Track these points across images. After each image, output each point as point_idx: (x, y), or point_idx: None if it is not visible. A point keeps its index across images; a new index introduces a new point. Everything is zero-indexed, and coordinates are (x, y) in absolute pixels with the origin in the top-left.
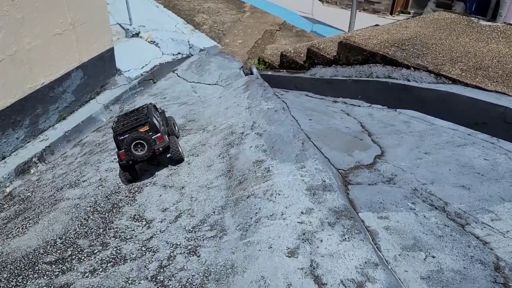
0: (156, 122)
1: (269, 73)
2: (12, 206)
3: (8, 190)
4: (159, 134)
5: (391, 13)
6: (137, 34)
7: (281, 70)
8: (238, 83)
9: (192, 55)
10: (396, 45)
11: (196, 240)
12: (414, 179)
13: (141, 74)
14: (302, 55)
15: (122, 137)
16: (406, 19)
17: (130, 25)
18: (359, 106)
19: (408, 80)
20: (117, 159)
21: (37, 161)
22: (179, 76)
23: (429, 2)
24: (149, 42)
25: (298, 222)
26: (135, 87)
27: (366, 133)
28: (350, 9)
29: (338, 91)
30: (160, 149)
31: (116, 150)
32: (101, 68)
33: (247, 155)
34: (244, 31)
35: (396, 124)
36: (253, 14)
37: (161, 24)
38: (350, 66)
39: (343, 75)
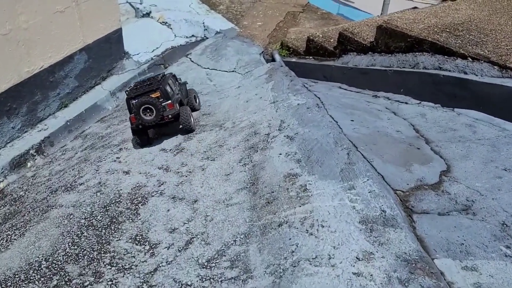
0: (169, 89)
1: (294, 60)
2: (2, 207)
3: (1, 186)
4: (169, 101)
5: None
6: (148, 14)
7: (307, 56)
8: (259, 71)
9: (207, 38)
10: (447, 30)
11: (212, 280)
12: (499, 208)
13: (152, 58)
14: (332, 40)
15: (133, 101)
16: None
17: (141, 3)
18: (406, 103)
19: (465, 73)
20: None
21: (35, 154)
22: (192, 61)
23: None
24: (161, 23)
25: (353, 274)
26: (145, 72)
27: (423, 140)
28: None
29: (376, 84)
30: (170, 116)
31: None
32: (107, 51)
33: (276, 165)
34: (264, 13)
35: (458, 129)
36: None
37: (174, 3)
38: (390, 55)
39: (382, 64)
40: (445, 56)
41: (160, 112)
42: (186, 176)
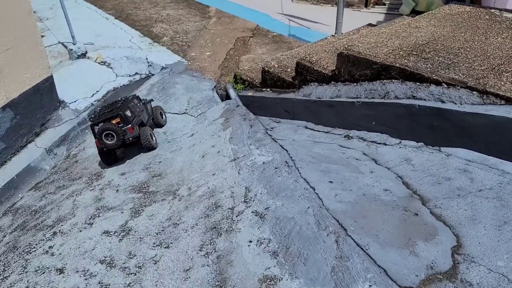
0: (129, 113)
1: (250, 93)
2: None
3: None
4: (129, 125)
5: (365, 6)
6: (83, 55)
7: (264, 89)
8: (213, 112)
9: (152, 74)
10: (414, 53)
11: None
12: None
13: (92, 104)
14: (289, 70)
15: (97, 127)
16: (412, 16)
17: (74, 44)
18: (385, 144)
19: (442, 101)
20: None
21: None
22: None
23: None
24: (99, 63)
25: None
26: (85, 121)
27: (418, 199)
28: (330, 5)
29: (346, 118)
30: (130, 138)
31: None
32: (38, 103)
33: (247, 261)
34: (212, 41)
35: (452, 177)
36: (220, 20)
37: (113, 40)
38: (356, 84)
39: (348, 95)
40: (417, 83)
41: (121, 137)
42: (135, 274)
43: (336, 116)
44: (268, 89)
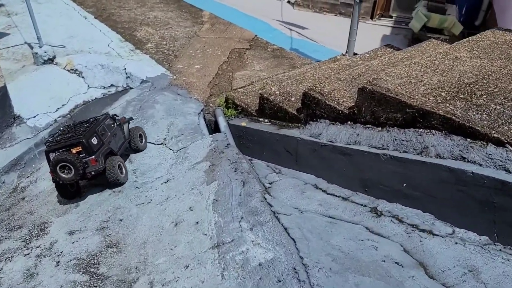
0: (95, 140)
1: (244, 123)
2: None
3: None
4: (92, 156)
5: (371, 17)
6: (51, 60)
7: (261, 119)
8: (197, 149)
9: (130, 88)
10: (461, 95)
11: None
12: None
13: (55, 121)
14: (293, 99)
15: (52, 155)
16: (445, 42)
17: (40, 47)
18: (432, 232)
19: (508, 171)
20: None
21: None
22: None
23: (417, 5)
24: (69, 70)
25: None
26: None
27: None
28: (334, 14)
29: (365, 172)
30: (92, 173)
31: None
32: None
33: None
34: (203, 51)
35: None
36: (214, 26)
37: (89, 43)
38: (381, 128)
39: (371, 143)
40: (468, 140)
41: (80, 170)
42: None
43: (353, 169)
44: (266, 120)
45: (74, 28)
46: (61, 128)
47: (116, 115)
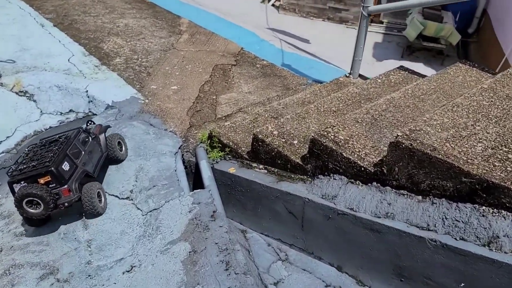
0: (67, 166)
1: (232, 170)
2: None
3: None
4: (64, 186)
5: None
6: None
7: (254, 165)
8: (173, 216)
9: (93, 114)
10: None
11: None
12: None
13: None
14: (295, 142)
15: (18, 186)
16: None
17: None
18: None
19: None
20: None
21: None
22: None
23: (411, 12)
24: (16, 92)
25: None
26: None
27: None
28: (322, 19)
29: (403, 260)
30: (66, 204)
31: None
32: None
33: None
34: (182, 68)
35: None
36: (194, 37)
37: (44, 58)
38: (422, 197)
39: (410, 219)
40: None
41: (51, 204)
42: None
43: (385, 251)
44: (261, 167)
45: (27, 39)
46: (26, 150)
47: (91, 121)
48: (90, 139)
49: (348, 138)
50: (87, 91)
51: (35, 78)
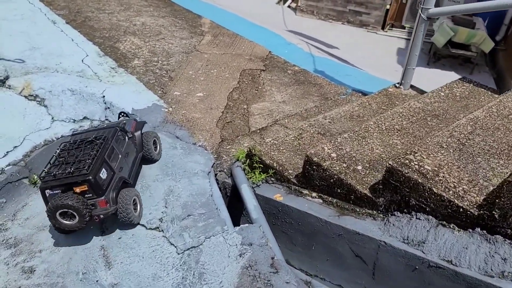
0: (104, 174)
1: (278, 197)
2: None
3: None
4: (102, 198)
5: (382, 28)
6: (2, 82)
7: (305, 191)
8: (218, 260)
9: (110, 122)
10: None
11: None
12: None
13: (2, 171)
14: (360, 167)
15: (51, 193)
16: None
17: None
18: None
19: None
20: None
21: None
22: None
23: (440, 17)
24: (26, 96)
25: None
26: None
27: None
28: (341, 22)
29: None
30: (102, 216)
31: None
32: None
33: None
34: (206, 73)
35: None
36: (217, 39)
37: (56, 58)
38: None
39: None
40: None
41: (86, 218)
42: None
43: None
44: (315, 195)
45: (37, 37)
46: (58, 149)
47: (124, 112)
48: (127, 139)
49: (436, 168)
50: (103, 96)
51: (47, 81)
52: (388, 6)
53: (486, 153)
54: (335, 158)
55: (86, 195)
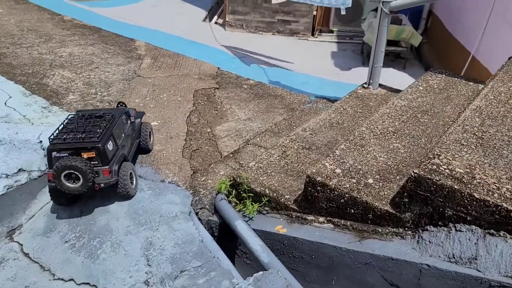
0: (111, 146)
1: (280, 228)
2: None
3: None
4: (106, 167)
5: (312, 34)
6: None
7: (309, 217)
8: None
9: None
10: None
11: None
12: None
13: None
14: (371, 180)
15: (58, 155)
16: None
17: None
18: None
19: None
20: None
21: None
22: (26, 254)
23: (366, 17)
24: None
25: None
26: None
27: None
28: (271, 33)
29: None
30: (102, 185)
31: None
32: None
33: None
34: (155, 98)
35: None
36: (158, 61)
37: None
38: None
39: None
40: None
41: (89, 182)
42: None
43: None
44: (322, 220)
45: None
46: (66, 120)
47: (122, 102)
48: (129, 123)
49: (469, 170)
50: (41, 141)
51: None
52: (314, 12)
53: (508, 144)
54: (341, 174)
55: (92, 162)
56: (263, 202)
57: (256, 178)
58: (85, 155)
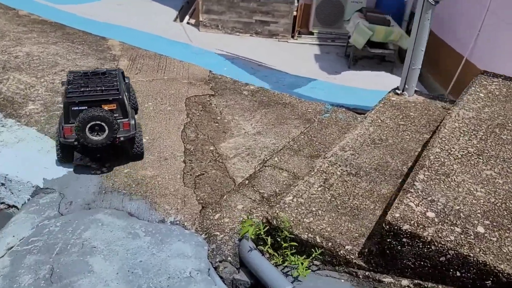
0: (126, 101)
1: None
2: None
3: None
4: (126, 119)
5: (292, 36)
6: None
7: (387, 278)
8: None
9: (11, 208)
10: None
11: None
12: None
13: None
14: (481, 229)
15: (77, 109)
16: None
17: None
18: None
19: None
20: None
21: None
22: None
23: (350, 18)
24: None
25: None
26: None
27: None
28: (249, 34)
29: None
30: (122, 138)
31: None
32: None
33: None
34: (139, 108)
35: None
36: (137, 62)
37: None
38: None
39: None
40: None
41: (114, 133)
42: None
43: None
44: (406, 283)
45: None
46: (71, 77)
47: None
48: (127, 81)
49: None
50: None
51: None
52: (295, 13)
53: None
54: (436, 220)
55: (114, 115)
56: (314, 255)
57: (299, 220)
58: (106, 107)
